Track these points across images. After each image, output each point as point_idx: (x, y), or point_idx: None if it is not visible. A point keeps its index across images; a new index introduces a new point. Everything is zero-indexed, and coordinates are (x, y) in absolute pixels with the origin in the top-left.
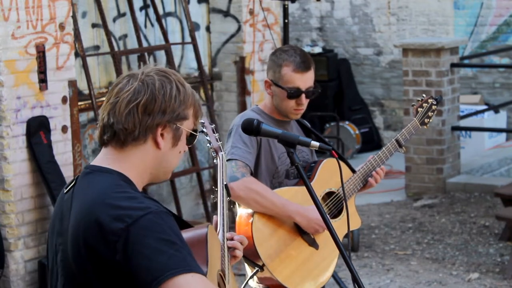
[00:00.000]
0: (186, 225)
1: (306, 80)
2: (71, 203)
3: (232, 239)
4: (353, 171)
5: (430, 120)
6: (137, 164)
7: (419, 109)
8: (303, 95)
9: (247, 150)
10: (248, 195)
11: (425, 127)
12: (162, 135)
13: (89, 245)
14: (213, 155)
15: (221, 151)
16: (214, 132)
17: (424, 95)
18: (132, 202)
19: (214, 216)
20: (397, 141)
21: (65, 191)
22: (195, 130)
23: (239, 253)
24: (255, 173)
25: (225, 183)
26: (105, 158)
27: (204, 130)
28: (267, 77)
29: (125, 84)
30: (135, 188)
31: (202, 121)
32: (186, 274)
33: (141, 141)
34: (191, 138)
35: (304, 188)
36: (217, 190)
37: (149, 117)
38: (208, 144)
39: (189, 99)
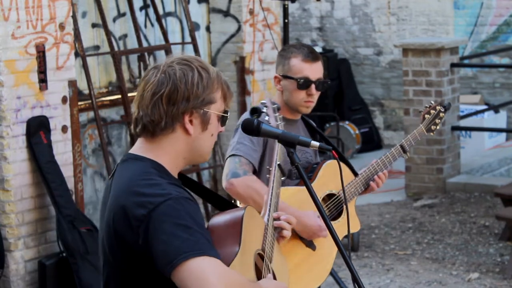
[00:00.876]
0: (230, 205)
1: (315, 70)
2: (110, 191)
3: (278, 218)
4: (355, 174)
5: (437, 127)
6: (169, 151)
7: (426, 115)
8: (313, 86)
9: (252, 147)
10: (247, 193)
11: (431, 133)
12: (191, 121)
13: (119, 235)
14: None
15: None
16: (275, 112)
17: (432, 101)
18: (154, 189)
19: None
20: (401, 146)
21: (109, 178)
22: (226, 112)
23: (287, 233)
24: (258, 172)
25: (279, 163)
26: (139, 147)
27: (264, 110)
28: (276, 73)
29: (150, 77)
30: (166, 174)
31: (264, 101)
32: (197, 258)
33: (169, 130)
34: (223, 119)
35: (304, 188)
36: (271, 170)
37: (174, 107)
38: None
39: (214, 83)
